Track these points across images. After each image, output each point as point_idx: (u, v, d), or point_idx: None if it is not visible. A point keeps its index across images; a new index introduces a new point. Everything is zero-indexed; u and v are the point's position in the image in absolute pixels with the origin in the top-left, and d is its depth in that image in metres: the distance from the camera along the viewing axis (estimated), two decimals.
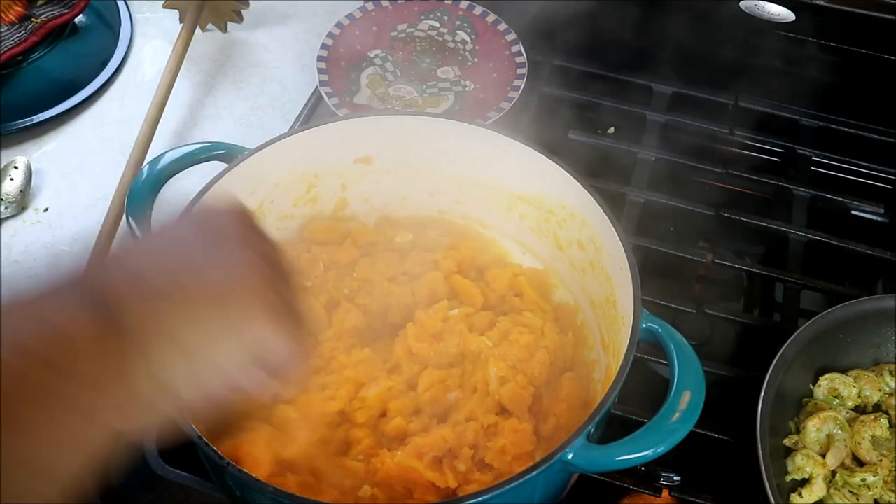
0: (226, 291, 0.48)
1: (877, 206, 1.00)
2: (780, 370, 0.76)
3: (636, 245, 0.87)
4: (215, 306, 0.47)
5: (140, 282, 0.46)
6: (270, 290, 0.49)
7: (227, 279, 0.48)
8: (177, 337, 0.46)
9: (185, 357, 0.46)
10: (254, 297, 0.49)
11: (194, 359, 0.47)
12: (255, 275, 0.49)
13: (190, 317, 0.47)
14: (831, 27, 0.99)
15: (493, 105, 1.01)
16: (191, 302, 0.47)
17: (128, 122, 1.02)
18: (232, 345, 0.48)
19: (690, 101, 1.08)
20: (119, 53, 1.10)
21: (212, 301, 0.47)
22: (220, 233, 0.51)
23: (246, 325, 0.48)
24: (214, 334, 0.47)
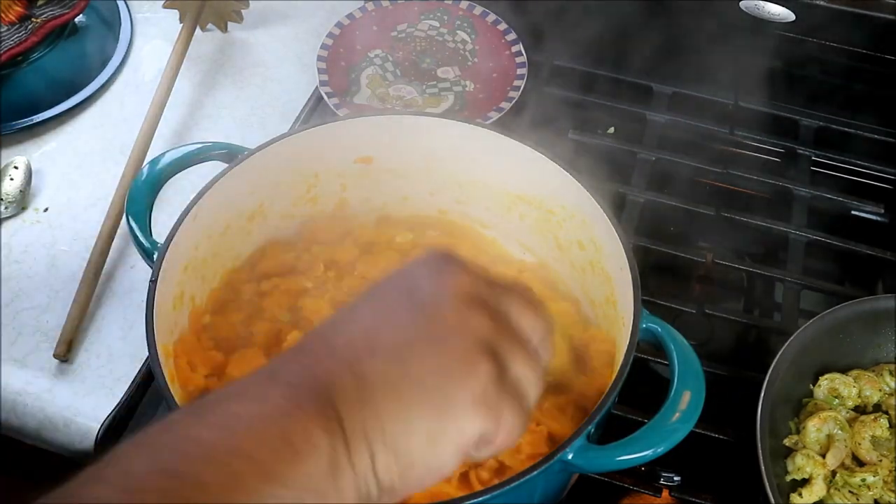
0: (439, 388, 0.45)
1: (877, 206, 1.00)
2: (780, 370, 0.76)
3: (636, 245, 0.87)
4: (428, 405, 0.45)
5: (357, 372, 0.45)
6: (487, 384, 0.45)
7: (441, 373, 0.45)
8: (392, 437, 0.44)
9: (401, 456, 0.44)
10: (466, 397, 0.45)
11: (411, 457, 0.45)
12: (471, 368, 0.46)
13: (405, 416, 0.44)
14: (832, 27, 0.99)
15: (493, 105, 1.01)
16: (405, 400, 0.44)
17: (128, 122, 1.02)
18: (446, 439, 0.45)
19: (690, 101, 1.08)
20: (119, 53, 1.10)
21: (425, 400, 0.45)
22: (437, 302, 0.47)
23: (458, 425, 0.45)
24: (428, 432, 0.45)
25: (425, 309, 0.47)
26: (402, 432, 0.44)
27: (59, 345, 0.84)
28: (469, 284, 0.49)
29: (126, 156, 0.97)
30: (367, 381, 0.44)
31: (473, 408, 0.45)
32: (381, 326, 0.47)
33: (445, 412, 0.45)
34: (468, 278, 0.49)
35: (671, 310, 0.87)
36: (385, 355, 0.46)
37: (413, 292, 0.49)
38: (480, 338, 0.47)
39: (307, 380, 0.44)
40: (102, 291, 0.90)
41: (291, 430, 0.42)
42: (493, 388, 0.46)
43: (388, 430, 0.44)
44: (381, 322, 0.48)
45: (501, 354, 0.47)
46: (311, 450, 0.42)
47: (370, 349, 0.46)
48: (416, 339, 0.46)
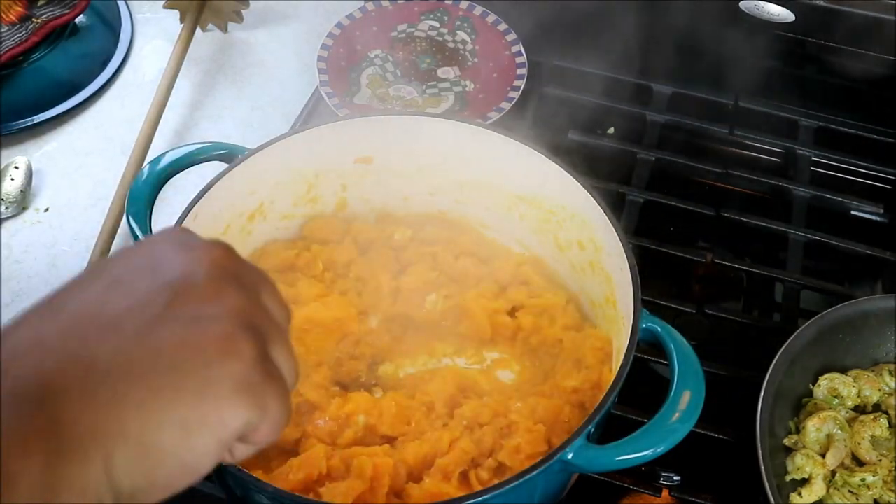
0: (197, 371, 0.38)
1: (876, 206, 1.00)
2: (780, 370, 0.76)
3: (636, 245, 0.88)
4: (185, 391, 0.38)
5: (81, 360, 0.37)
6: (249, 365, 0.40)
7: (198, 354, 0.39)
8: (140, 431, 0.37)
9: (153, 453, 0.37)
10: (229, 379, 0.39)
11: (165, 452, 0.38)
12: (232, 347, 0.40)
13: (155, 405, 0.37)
14: (831, 27, 0.99)
15: (493, 105, 1.01)
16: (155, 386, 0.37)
17: (128, 122, 1.02)
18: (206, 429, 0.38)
19: (690, 101, 1.08)
20: (119, 54, 1.10)
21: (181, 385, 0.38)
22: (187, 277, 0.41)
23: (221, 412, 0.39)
24: (185, 422, 0.38)
25: (174, 284, 0.40)
26: (149, 424, 0.37)
27: None
28: (223, 259, 0.43)
29: (126, 156, 0.97)
30: (98, 368, 0.37)
31: (236, 394, 0.39)
32: (119, 302, 0.39)
33: (203, 398, 0.38)
34: (219, 252, 0.43)
35: (671, 310, 0.87)
36: (124, 334, 0.38)
37: (156, 266, 0.42)
38: (240, 316, 0.41)
39: (11, 382, 0.36)
40: None
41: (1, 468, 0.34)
42: (257, 372, 0.40)
43: (129, 424, 0.37)
44: (119, 297, 0.40)
45: (261, 335, 0.41)
46: (17, 475, 0.34)
47: (105, 328, 0.38)
48: (165, 316, 0.39)
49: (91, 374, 0.37)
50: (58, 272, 0.91)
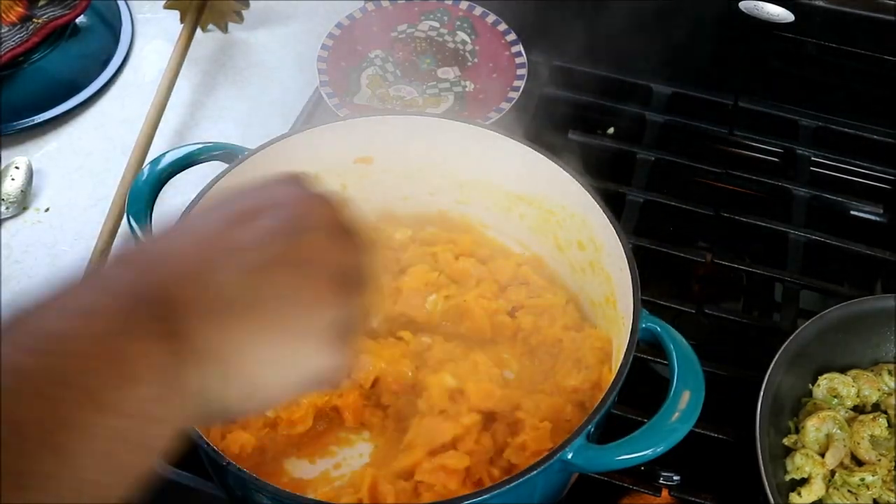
0: (293, 315, 0.42)
1: (876, 207, 1.00)
2: (780, 370, 0.76)
3: (636, 245, 0.88)
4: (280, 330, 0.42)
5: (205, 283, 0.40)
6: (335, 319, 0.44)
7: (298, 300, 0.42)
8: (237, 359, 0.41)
9: (242, 379, 0.41)
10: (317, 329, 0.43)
11: (251, 380, 0.42)
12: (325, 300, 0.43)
13: (253, 339, 0.41)
14: (831, 28, 0.99)
15: (493, 105, 1.01)
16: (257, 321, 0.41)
17: (129, 123, 1.02)
18: (289, 367, 0.43)
19: (690, 102, 1.08)
20: (120, 54, 1.10)
21: (277, 324, 0.42)
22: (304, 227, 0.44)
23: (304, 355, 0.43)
24: (274, 359, 0.42)
25: (296, 227, 0.44)
26: (244, 354, 0.41)
27: None
28: (336, 216, 0.46)
29: (127, 156, 0.97)
30: (217, 294, 0.40)
31: (320, 339, 0.43)
32: (239, 235, 0.43)
33: (297, 339, 0.42)
34: (334, 210, 0.47)
35: (671, 310, 0.87)
36: (242, 268, 0.41)
37: (281, 207, 0.45)
38: (340, 272, 0.44)
39: (143, 288, 0.39)
40: None
41: (122, 351, 0.37)
42: (341, 325, 0.44)
43: (229, 352, 0.40)
44: (240, 231, 0.43)
45: (350, 293, 0.45)
46: (144, 372, 0.37)
47: (225, 258, 0.41)
48: (279, 257, 0.42)
49: (211, 298, 0.40)
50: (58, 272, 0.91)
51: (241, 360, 0.41)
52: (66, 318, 0.37)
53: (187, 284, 0.40)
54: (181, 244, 0.42)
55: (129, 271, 0.40)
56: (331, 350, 0.44)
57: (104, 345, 0.37)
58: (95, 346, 0.37)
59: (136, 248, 0.43)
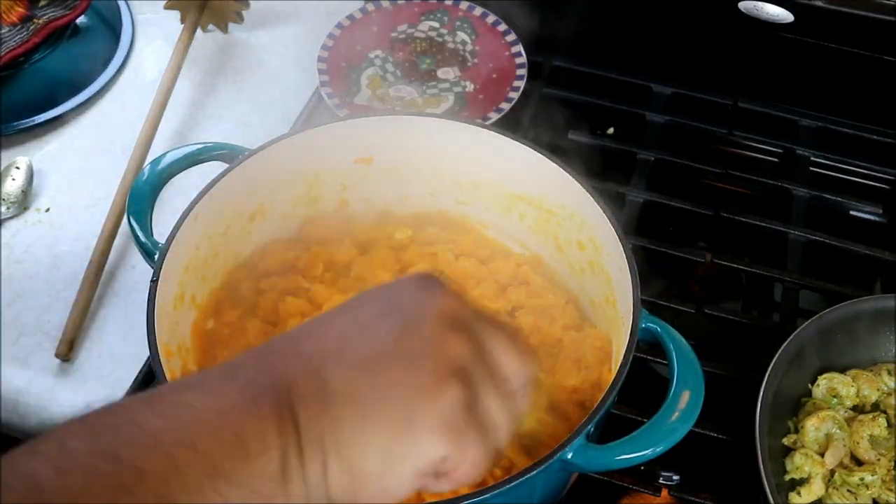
0: (404, 406, 0.43)
1: (875, 207, 1.00)
2: (779, 370, 0.76)
3: (636, 245, 0.88)
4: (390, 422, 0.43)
5: (321, 378, 0.43)
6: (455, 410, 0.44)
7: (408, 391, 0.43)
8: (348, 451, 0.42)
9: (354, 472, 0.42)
10: (431, 419, 0.43)
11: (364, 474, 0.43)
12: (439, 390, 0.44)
13: (364, 430, 0.42)
14: (830, 28, 0.99)
15: (493, 105, 1.01)
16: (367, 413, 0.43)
17: (129, 123, 1.02)
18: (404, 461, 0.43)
19: (690, 102, 1.08)
20: (120, 54, 1.10)
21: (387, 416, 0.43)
22: (417, 322, 0.45)
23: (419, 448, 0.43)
24: (387, 451, 0.43)
25: (403, 324, 0.46)
26: (359, 445, 0.42)
27: (61, 345, 0.84)
28: (454, 308, 0.47)
29: (127, 156, 0.97)
30: (330, 388, 0.43)
31: (437, 431, 0.43)
32: (355, 335, 0.45)
33: (407, 431, 0.43)
34: (454, 302, 0.48)
35: (670, 309, 0.88)
36: (353, 364, 0.44)
37: (395, 306, 0.47)
38: (455, 362, 0.45)
39: (268, 378, 0.43)
40: (104, 291, 0.90)
41: (244, 428, 0.40)
42: (461, 416, 0.44)
43: (344, 442, 0.42)
44: (355, 331, 0.46)
45: (475, 384, 0.45)
46: (262, 450, 0.40)
47: (339, 356, 0.44)
48: (389, 352, 0.44)
49: (324, 393, 0.43)
50: (59, 272, 0.91)
51: (352, 453, 0.42)
52: (196, 393, 0.42)
53: (307, 380, 0.43)
54: (304, 343, 0.45)
55: (258, 362, 0.44)
56: (451, 442, 0.43)
57: (229, 421, 0.40)
58: (221, 421, 0.40)
59: (267, 345, 0.46)
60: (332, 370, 0.43)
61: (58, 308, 0.88)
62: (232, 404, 0.41)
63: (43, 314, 0.88)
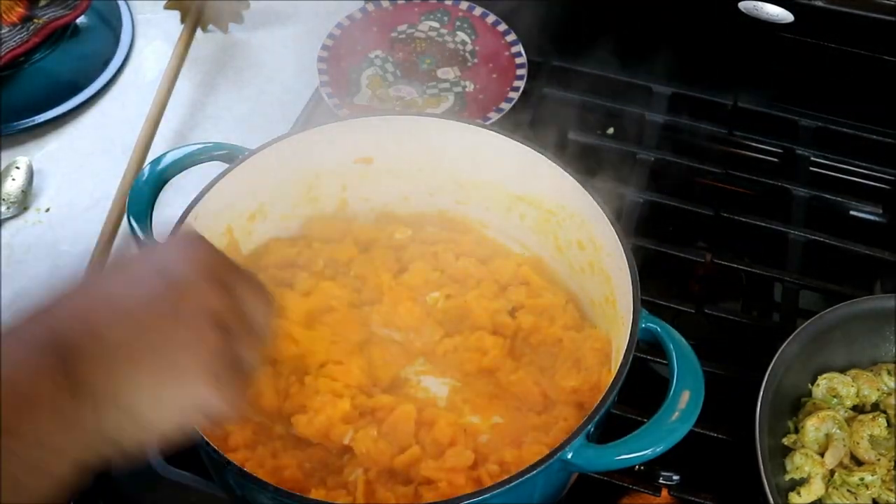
0: (170, 355, 0.49)
1: (875, 207, 1.00)
2: (779, 370, 0.76)
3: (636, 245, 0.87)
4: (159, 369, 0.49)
5: (96, 334, 0.48)
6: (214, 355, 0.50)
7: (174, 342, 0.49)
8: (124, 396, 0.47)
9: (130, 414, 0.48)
10: (195, 365, 0.50)
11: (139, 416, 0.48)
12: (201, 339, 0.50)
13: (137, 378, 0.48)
14: (830, 28, 0.99)
15: (493, 105, 1.01)
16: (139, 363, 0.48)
17: (129, 123, 1.02)
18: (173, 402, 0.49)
19: (689, 102, 1.08)
20: (120, 54, 1.10)
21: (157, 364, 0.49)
22: (181, 279, 0.51)
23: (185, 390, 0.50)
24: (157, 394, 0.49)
25: (169, 280, 0.51)
26: (131, 391, 0.47)
27: None
28: (213, 264, 0.53)
29: (127, 156, 0.97)
30: (102, 343, 0.47)
31: (198, 375, 0.49)
32: (125, 293, 0.50)
33: (172, 375, 0.49)
34: (213, 259, 0.54)
35: (670, 309, 0.88)
36: (123, 320, 0.49)
37: (161, 265, 0.52)
38: (214, 312, 0.51)
39: (44, 336, 0.47)
40: None
41: (20, 383, 0.45)
42: (218, 360, 0.50)
43: (117, 390, 0.47)
44: (127, 289, 0.51)
45: (230, 330, 0.51)
46: (44, 408, 0.45)
47: (112, 313, 0.49)
48: (156, 307, 0.50)
49: (102, 347, 0.47)
50: (59, 272, 0.91)
51: (128, 398, 0.48)
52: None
53: (82, 337, 0.47)
54: (78, 303, 0.50)
55: (38, 326, 0.48)
56: (211, 385, 0.50)
57: (14, 386, 0.44)
58: (7, 387, 0.44)
59: (45, 307, 0.49)
60: (103, 328, 0.48)
61: None
62: (16, 371, 0.45)
63: None
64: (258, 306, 0.54)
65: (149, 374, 0.48)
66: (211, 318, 0.51)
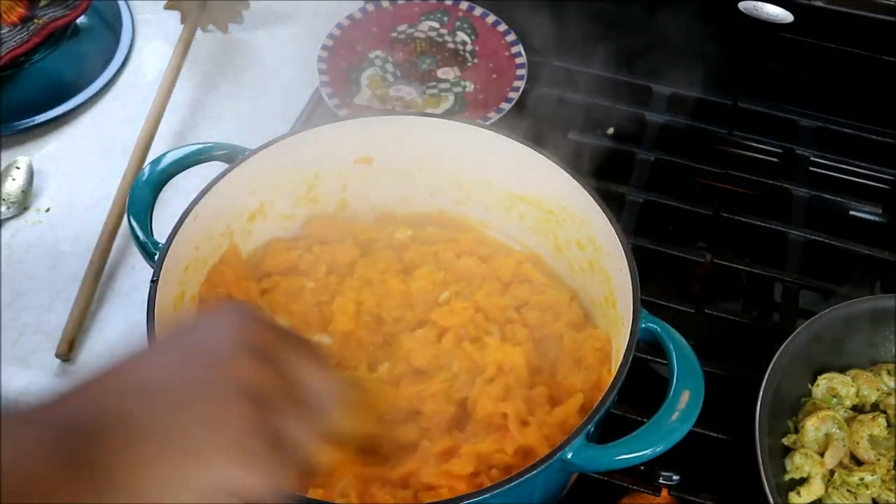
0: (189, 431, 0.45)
1: (875, 207, 1.00)
2: (779, 370, 0.76)
3: (636, 245, 0.88)
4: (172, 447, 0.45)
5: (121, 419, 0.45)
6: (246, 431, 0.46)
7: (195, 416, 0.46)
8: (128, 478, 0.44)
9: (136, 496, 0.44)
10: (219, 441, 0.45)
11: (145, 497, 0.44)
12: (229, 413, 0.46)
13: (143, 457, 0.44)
14: (830, 28, 0.99)
15: (493, 105, 1.01)
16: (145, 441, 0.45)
17: (129, 123, 1.02)
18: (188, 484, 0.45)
19: (689, 102, 1.08)
20: (121, 54, 1.10)
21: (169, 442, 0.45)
22: (214, 352, 0.48)
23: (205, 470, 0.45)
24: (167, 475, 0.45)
25: (201, 353, 0.48)
26: (142, 477, 0.44)
27: (61, 344, 0.84)
28: (254, 333, 0.49)
29: (127, 156, 0.97)
30: (127, 426, 0.44)
31: (224, 451, 0.45)
32: (159, 372, 0.47)
33: (188, 456, 0.45)
34: (255, 327, 0.49)
35: (670, 309, 0.88)
36: (154, 400, 0.46)
37: (196, 341, 0.49)
38: (245, 384, 0.46)
39: (67, 422, 0.44)
40: (104, 291, 0.90)
41: (37, 476, 0.42)
42: (249, 435, 0.46)
43: (142, 476, 0.44)
44: (159, 368, 0.48)
45: (269, 406, 0.47)
46: (55, 495, 0.41)
47: (141, 393, 0.46)
48: (183, 381, 0.46)
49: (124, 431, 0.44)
50: (59, 272, 0.91)
51: (131, 480, 0.43)
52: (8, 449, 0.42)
53: (104, 421, 0.44)
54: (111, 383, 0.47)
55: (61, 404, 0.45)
56: (240, 463, 0.45)
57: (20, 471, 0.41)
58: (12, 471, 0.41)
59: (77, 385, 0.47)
60: (131, 408, 0.45)
61: (58, 308, 0.88)
62: (25, 453, 0.42)
63: (43, 314, 0.88)
64: (316, 381, 0.50)
65: (159, 456, 0.44)
66: (244, 390, 0.46)
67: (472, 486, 0.67)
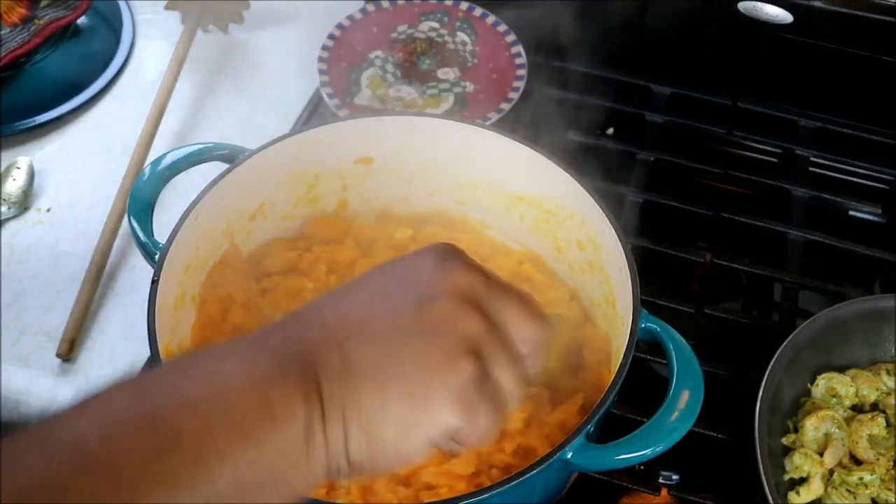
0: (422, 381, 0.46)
1: (874, 207, 1.00)
2: (779, 370, 0.76)
3: (636, 245, 0.88)
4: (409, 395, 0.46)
5: (343, 352, 0.46)
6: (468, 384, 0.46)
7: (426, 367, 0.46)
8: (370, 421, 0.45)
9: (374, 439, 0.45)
10: (447, 392, 0.46)
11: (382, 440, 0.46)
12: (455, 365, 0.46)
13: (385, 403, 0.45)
14: (830, 28, 0.99)
15: (493, 105, 1.01)
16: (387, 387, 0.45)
17: (129, 123, 1.02)
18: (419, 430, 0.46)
19: (689, 102, 1.08)
20: (121, 55, 1.10)
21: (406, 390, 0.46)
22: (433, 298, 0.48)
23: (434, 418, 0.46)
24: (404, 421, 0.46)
25: (420, 300, 0.48)
26: (377, 416, 0.45)
27: (62, 344, 0.85)
28: (469, 283, 0.49)
29: (128, 156, 0.97)
30: (351, 361, 0.45)
31: (450, 403, 0.46)
32: (374, 310, 0.48)
33: (422, 403, 0.46)
34: (468, 276, 0.50)
35: (670, 309, 0.88)
36: (373, 339, 0.47)
37: (412, 282, 0.50)
38: (468, 337, 0.47)
39: (295, 349, 0.45)
40: (104, 291, 0.90)
41: (272, 395, 0.43)
42: (472, 389, 0.47)
43: (364, 412, 0.45)
44: (375, 306, 0.48)
45: (486, 358, 0.48)
46: (288, 416, 0.43)
47: (360, 331, 0.47)
48: (406, 327, 0.47)
49: (346, 365, 0.45)
50: (60, 272, 0.91)
51: (373, 422, 0.45)
52: (229, 361, 0.44)
53: (330, 352, 0.45)
54: (327, 316, 0.48)
55: (286, 333, 0.47)
56: (463, 414, 0.46)
57: (259, 389, 0.43)
58: (252, 388, 0.43)
59: (293, 315, 0.48)
60: (353, 344, 0.46)
61: (58, 308, 0.88)
62: (262, 372, 0.44)
63: (44, 314, 0.88)
64: (524, 329, 0.50)
65: (397, 400, 0.45)
66: (465, 344, 0.47)
67: (472, 485, 0.67)
